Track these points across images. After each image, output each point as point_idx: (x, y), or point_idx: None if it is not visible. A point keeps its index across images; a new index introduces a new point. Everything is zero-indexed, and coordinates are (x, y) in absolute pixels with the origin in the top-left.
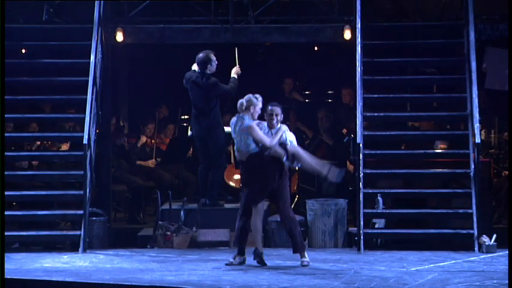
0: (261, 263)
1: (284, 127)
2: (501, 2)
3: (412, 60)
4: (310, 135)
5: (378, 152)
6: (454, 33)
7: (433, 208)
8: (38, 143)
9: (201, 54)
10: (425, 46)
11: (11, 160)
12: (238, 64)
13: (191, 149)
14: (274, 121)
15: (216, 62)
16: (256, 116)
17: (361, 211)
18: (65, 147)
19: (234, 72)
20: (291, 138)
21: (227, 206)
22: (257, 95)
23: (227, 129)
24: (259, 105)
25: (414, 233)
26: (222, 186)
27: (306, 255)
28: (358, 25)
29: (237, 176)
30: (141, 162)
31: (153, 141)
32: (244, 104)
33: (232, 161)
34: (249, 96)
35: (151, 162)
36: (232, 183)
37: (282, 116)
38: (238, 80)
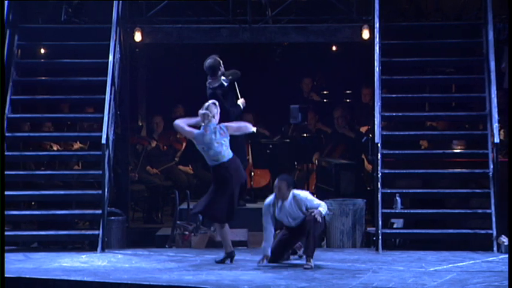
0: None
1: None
2: None
3: (431, 60)
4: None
5: (397, 152)
6: (472, 33)
7: (451, 208)
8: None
9: (209, 60)
10: (443, 46)
11: (29, 160)
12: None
13: None
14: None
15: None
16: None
17: (380, 211)
18: (76, 145)
19: (240, 102)
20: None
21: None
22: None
23: None
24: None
25: (432, 233)
26: None
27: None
28: (377, 25)
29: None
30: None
31: (165, 147)
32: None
33: (250, 161)
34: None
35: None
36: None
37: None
38: (241, 110)
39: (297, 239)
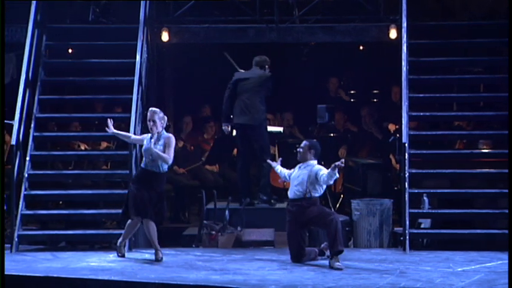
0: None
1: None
2: None
3: (459, 60)
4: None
5: (424, 151)
6: (501, 32)
7: (479, 208)
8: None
9: (263, 56)
10: (471, 45)
11: (57, 159)
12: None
13: (235, 149)
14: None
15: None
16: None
17: (407, 211)
18: (104, 145)
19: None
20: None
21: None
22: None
23: (270, 128)
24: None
25: (460, 233)
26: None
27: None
28: (404, 24)
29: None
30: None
31: (192, 147)
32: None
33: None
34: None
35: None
36: (276, 184)
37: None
38: None
39: (303, 228)
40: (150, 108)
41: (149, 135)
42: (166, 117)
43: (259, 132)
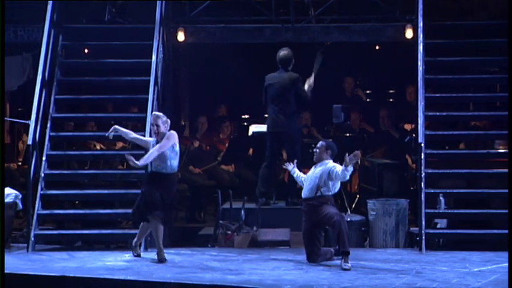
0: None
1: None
2: None
3: (475, 60)
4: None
5: (440, 151)
6: None
7: (495, 208)
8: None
9: (285, 51)
10: (488, 45)
11: (73, 159)
12: None
13: (251, 149)
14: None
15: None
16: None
17: (423, 211)
18: (120, 144)
19: (307, 84)
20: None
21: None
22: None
23: None
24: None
25: (477, 234)
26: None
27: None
28: (420, 24)
29: None
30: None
31: (207, 147)
32: None
33: None
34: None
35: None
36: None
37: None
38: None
39: (317, 227)
40: (153, 113)
41: (154, 138)
42: (169, 121)
43: (291, 139)
